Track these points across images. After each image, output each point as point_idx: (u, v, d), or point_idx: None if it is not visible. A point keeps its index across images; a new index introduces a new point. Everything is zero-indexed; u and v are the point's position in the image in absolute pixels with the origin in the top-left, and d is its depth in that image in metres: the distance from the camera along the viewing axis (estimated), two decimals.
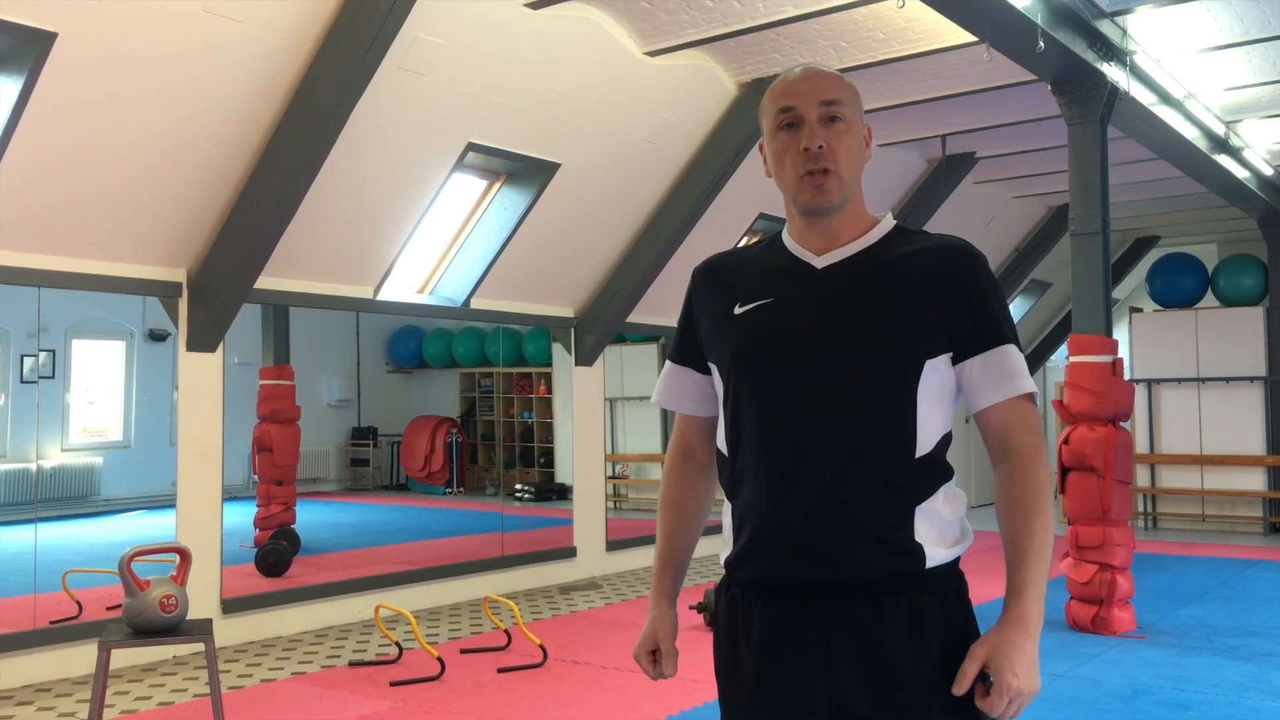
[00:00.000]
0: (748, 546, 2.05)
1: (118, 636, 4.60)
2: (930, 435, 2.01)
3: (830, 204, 2.06)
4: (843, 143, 2.05)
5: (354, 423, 14.35)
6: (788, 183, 2.08)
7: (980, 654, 1.93)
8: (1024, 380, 2.03)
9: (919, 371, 2.00)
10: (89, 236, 6.56)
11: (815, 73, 2.09)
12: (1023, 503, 2.00)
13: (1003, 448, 2.05)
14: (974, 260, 2.06)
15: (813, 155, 2.03)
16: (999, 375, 2.02)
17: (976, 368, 2.03)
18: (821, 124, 2.04)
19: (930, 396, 2.01)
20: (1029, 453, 2.03)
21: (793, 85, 2.08)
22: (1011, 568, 1.99)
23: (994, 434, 2.06)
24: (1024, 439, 2.04)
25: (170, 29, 5.96)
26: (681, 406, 2.28)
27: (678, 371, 2.27)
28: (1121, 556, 7.29)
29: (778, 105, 2.08)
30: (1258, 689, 5.94)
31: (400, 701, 5.88)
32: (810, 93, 2.06)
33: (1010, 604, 1.97)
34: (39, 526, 7.17)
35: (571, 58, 7.69)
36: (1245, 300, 13.41)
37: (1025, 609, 1.94)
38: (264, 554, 8.70)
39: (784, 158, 2.07)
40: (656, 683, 6.14)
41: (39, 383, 9.85)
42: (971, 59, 8.04)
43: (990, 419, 2.05)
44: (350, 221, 7.62)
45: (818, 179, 2.04)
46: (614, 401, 13.11)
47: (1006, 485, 2.04)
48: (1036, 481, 2.01)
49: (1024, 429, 2.04)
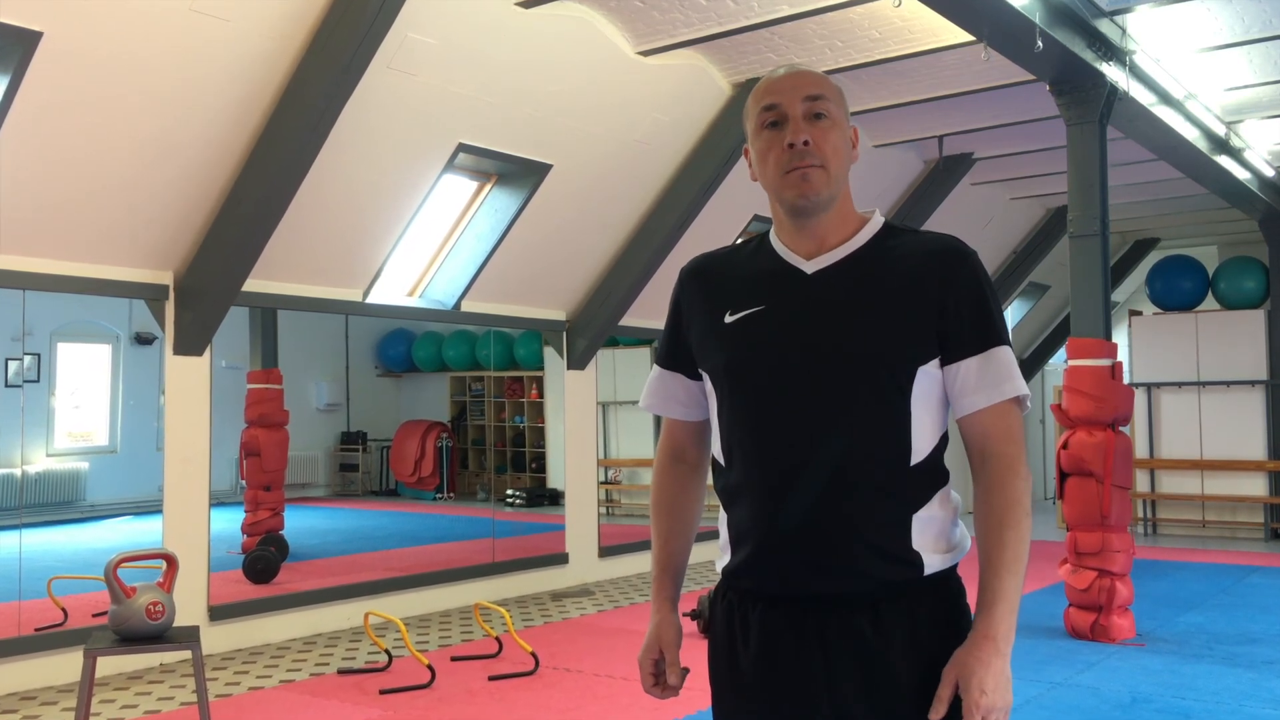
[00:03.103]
0: (745, 557, 2.04)
1: (103, 644, 4.59)
2: (925, 442, 2.00)
3: (816, 200, 2.01)
4: (828, 139, 2.02)
5: (343, 427, 14.31)
6: (771, 181, 2.05)
7: (951, 675, 1.91)
8: (1015, 383, 2.00)
9: (912, 379, 1.98)
10: (74, 238, 6.51)
11: (798, 71, 2.08)
12: (998, 515, 1.98)
13: (982, 455, 2.03)
14: (965, 259, 2.03)
15: (798, 151, 2.00)
16: (991, 378, 2.00)
17: (969, 370, 2.00)
18: (806, 120, 2.02)
19: (924, 403, 1.99)
20: (1008, 462, 2.00)
21: (775, 83, 2.06)
22: (982, 581, 1.97)
23: (975, 440, 2.04)
24: (1004, 448, 2.01)
25: (157, 28, 5.91)
26: (670, 411, 2.27)
27: (666, 377, 2.25)
28: (1121, 563, 7.26)
29: (761, 104, 2.06)
30: (1259, 697, 5.90)
31: (390, 710, 5.84)
32: (793, 89, 2.04)
33: (979, 620, 1.94)
34: (24, 532, 7.15)
35: (563, 57, 7.65)
36: (1246, 303, 13.38)
37: (994, 625, 1.92)
38: (252, 560, 8.68)
39: (768, 156, 2.04)
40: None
41: (24, 387, 9.82)
42: (969, 59, 8.01)
43: (974, 424, 2.02)
44: (339, 223, 7.57)
45: (802, 171, 2.00)
46: (606, 406, 13.08)
47: (983, 496, 2.02)
48: (1014, 493, 1.99)
49: (1005, 437, 2.01)
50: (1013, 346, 2.05)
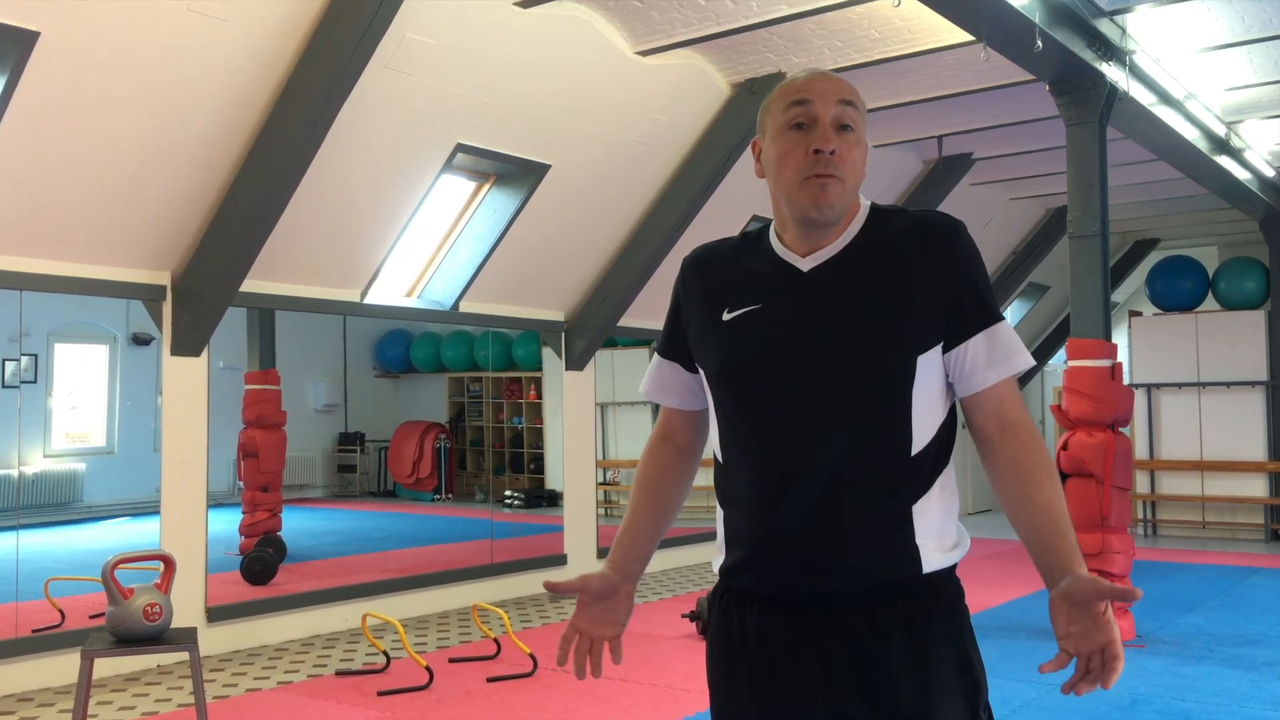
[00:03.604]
0: (742, 555, 2.03)
1: (101, 645, 4.58)
2: (926, 431, 1.98)
3: (829, 214, 1.98)
4: (851, 153, 1.99)
5: (341, 428, 14.28)
6: (788, 185, 1.99)
7: (1079, 626, 1.87)
8: (1024, 355, 2.01)
9: (913, 372, 1.95)
10: (71, 239, 6.49)
11: (829, 75, 2.04)
12: (1041, 473, 1.97)
13: (1001, 424, 2.01)
14: (958, 235, 2.01)
15: (823, 159, 1.95)
16: (1000, 353, 1.99)
17: (977, 349, 1.98)
18: (835, 129, 1.97)
19: (925, 392, 1.97)
20: (1029, 426, 2.02)
21: (808, 82, 2.00)
22: (1050, 540, 1.93)
23: (989, 413, 2.02)
24: (1020, 414, 2.02)
25: (154, 28, 5.90)
26: (667, 400, 2.27)
27: (665, 366, 2.24)
28: (1121, 564, 7.24)
29: (790, 99, 1.99)
30: (1259, 699, 5.88)
31: (388, 711, 5.83)
32: (827, 92, 1.98)
33: (1073, 568, 1.90)
34: (21, 533, 7.13)
35: (562, 57, 7.63)
36: (1246, 304, 13.36)
37: (1083, 571, 1.90)
38: (249, 561, 8.66)
39: (788, 158, 1.98)
40: (648, 692, 6.07)
41: (20, 387, 9.80)
42: (968, 58, 7.99)
43: (987, 398, 2.01)
44: (337, 224, 7.55)
45: (823, 180, 1.96)
46: (605, 406, 13.06)
47: (1012, 460, 1.99)
48: (1044, 453, 2.00)
49: (1018, 404, 2.03)
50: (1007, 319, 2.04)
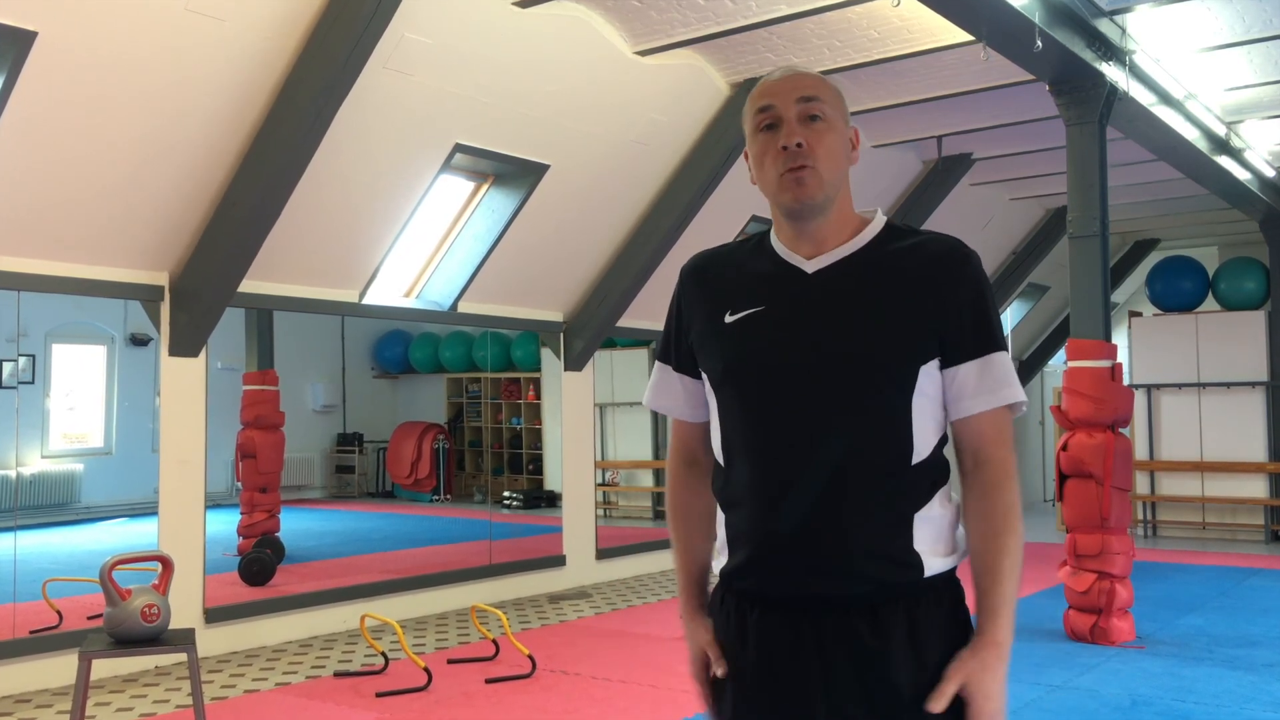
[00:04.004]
0: (743, 558, 2.03)
1: (99, 646, 4.58)
2: (927, 441, 1.99)
3: (810, 203, 2.01)
4: (823, 141, 2.01)
5: (339, 429, 14.27)
6: (768, 184, 2.05)
7: (956, 677, 1.93)
8: (1013, 389, 2.02)
9: (914, 379, 1.97)
10: (69, 239, 6.48)
11: (794, 73, 2.08)
12: (997, 520, 2.00)
13: (975, 459, 2.04)
14: (968, 262, 2.04)
15: (791, 154, 2.00)
16: (989, 383, 2.00)
17: (967, 375, 2.00)
18: (800, 122, 2.01)
19: (925, 402, 1.99)
20: (1003, 467, 2.02)
21: (771, 85, 2.06)
22: (982, 586, 2.00)
23: (969, 444, 2.04)
24: (998, 453, 2.02)
25: (152, 28, 5.89)
26: (674, 411, 2.27)
27: (668, 375, 2.24)
28: (1120, 565, 7.23)
29: (756, 106, 2.06)
30: (1259, 700, 5.88)
31: (386, 712, 5.82)
32: (788, 91, 2.03)
33: (984, 625, 1.97)
34: (18, 534, 7.14)
35: (560, 57, 7.62)
36: (1246, 304, 13.35)
37: (998, 631, 1.96)
38: (247, 562, 8.65)
39: (764, 159, 2.04)
40: (647, 693, 6.07)
41: (18, 388, 9.80)
42: (968, 58, 7.98)
43: (969, 428, 2.03)
44: (335, 224, 7.54)
45: (796, 174, 2.00)
46: (604, 407, 13.06)
47: (978, 501, 2.02)
48: (1010, 497, 2.01)
49: (999, 442, 2.03)
50: (1009, 351, 2.05)
